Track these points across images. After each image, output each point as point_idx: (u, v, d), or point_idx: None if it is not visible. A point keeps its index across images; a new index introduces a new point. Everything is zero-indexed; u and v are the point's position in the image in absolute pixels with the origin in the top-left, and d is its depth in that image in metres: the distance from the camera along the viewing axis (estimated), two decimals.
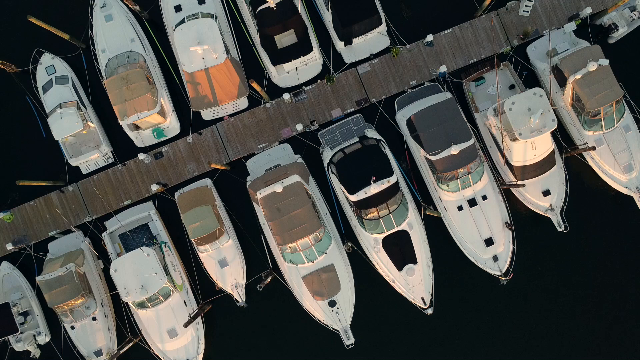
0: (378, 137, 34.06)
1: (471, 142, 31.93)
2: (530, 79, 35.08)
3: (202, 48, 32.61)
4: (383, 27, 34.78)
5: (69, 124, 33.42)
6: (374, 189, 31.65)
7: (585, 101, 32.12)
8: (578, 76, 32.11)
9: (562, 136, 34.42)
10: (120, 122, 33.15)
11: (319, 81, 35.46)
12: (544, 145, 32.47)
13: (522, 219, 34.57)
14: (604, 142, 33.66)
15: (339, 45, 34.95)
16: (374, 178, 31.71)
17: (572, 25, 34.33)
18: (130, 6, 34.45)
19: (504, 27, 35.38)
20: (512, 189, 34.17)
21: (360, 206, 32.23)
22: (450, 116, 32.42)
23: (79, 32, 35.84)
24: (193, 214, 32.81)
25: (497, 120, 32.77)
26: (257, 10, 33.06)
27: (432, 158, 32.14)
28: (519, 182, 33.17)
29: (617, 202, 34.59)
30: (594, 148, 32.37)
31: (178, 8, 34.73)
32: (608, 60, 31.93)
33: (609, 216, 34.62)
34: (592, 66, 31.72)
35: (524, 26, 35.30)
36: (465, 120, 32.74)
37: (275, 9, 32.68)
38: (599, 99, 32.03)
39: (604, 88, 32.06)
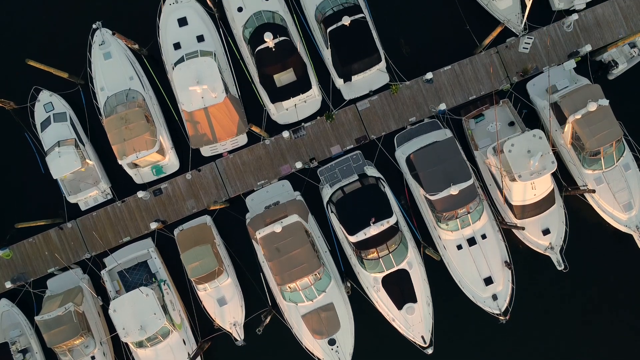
0: (377, 175, 34.00)
1: (470, 182, 31.89)
2: (529, 117, 35.03)
3: (201, 87, 32.54)
4: (382, 64, 34.72)
5: (67, 162, 33.32)
6: (373, 230, 31.58)
7: (585, 141, 32.09)
8: (578, 116, 32.09)
9: (561, 174, 34.35)
10: (119, 162, 33.08)
11: (318, 118, 35.42)
12: (543, 185, 32.42)
13: (521, 258, 34.53)
14: (604, 180, 33.61)
15: (338, 82, 34.90)
16: (373, 219, 31.65)
17: (571, 63, 34.30)
18: (129, 45, 34.38)
19: (504, 63, 35.34)
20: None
21: (360, 247, 32.18)
22: (449, 155, 32.37)
23: (78, 69, 35.71)
24: (192, 253, 32.75)
25: (497, 160, 32.73)
26: (256, 50, 32.99)
27: (432, 198, 32.09)
28: (519, 225, 33.12)
29: (617, 240, 34.52)
30: (593, 191, 32.34)
31: (177, 46, 34.68)
32: (608, 101, 31.94)
33: (608, 255, 34.59)
34: (592, 106, 31.71)
35: (523, 63, 35.25)
36: (465, 160, 32.74)
37: (274, 49, 32.60)
38: (599, 139, 32.00)
39: (604, 128, 32.04)
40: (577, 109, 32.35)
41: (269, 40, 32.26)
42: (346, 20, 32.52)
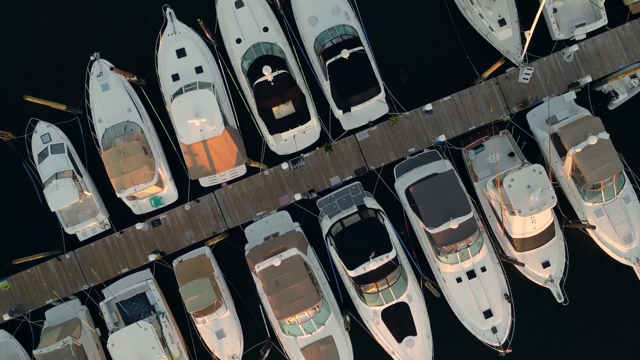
0: (377, 206, 33.88)
1: (470, 215, 31.77)
2: (529, 149, 34.89)
3: (200, 120, 32.40)
4: (382, 95, 34.58)
5: (65, 195, 33.16)
6: (372, 265, 31.44)
7: (585, 174, 31.96)
8: (578, 149, 31.96)
9: (561, 206, 34.23)
10: (118, 195, 32.96)
11: (317, 148, 35.30)
12: (543, 218, 32.32)
13: (521, 290, 34.38)
14: (604, 213, 33.50)
15: (337, 112, 34.76)
16: (373, 254, 31.53)
17: (571, 95, 34.20)
18: (127, 79, 34.24)
19: (504, 94, 35.21)
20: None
21: (359, 281, 32.07)
22: (449, 188, 32.24)
23: (76, 100, 35.52)
24: (191, 286, 32.64)
25: (496, 193, 32.61)
26: (255, 83, 32.86)
27: (431, 231, 31.98)
28: (519, 262, 32.99)
29: (617, 273, 34.41)
30: (594, 227, 32.24)
31: (175, 77, 34.54)
32: (608, 135, 31.83)
33: (609, 287, 34.51)
34: (593, 140, 31.61)
35: (523, 94, 35.13)
36: (465, 193, 32.65)
37: (272, 82, 32.46)
38: (599, 173, 31.88)
39: (604, 161, 31.92)
40: (577, 142, 32.21)
41: (268, 74, 32.13)
42: (345, 54, 32.39)
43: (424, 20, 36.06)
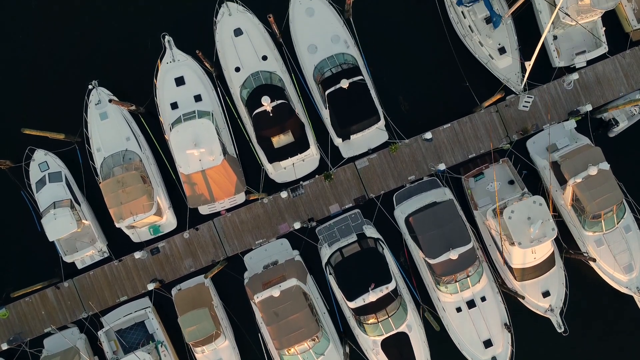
0: (376, 235, 33.76)
1: (470, 246, 31.65)
2: (529, 178, 34.75)
3: (199, 151, 32.24)
4: (381, 123, 34.40)
5: (63, 224, 33.04)
6: (372, 296, 31.33)
7: (586, 204, 31.85)
8: (578, 179, 31.86)
9: (561, 234, 34.11)
10: (116, 225, 32.81)
11: (316, 176, 35.15)
12: (543, 249, 32.20)
13: (521, 320, 34.27)
14: (604, 242, 33.39)
15: (337, 140, 34.59)
16: (372, 285, 31.43)
17: (572, 123, 34.08)
18: (125, 108, 34.08)
19: (504, 121, 35.07)
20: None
21: (359, 312, 31.96)
22: (449, 219, 32.13)
23: (74, 127, 35.35)
24: (190, 317, 32.53)
25: (496, 223, 32.49)
26: (254, 113, 32.70)
27: (431, 262, 31.88)
28: (519, 294, 32.86)
29: (618, 302, 34.31)
30: (594, 260, 32.13)
31: (174, 105, 34.38)
32: (609, 165, 31.72)
33: (609, 317, 34.40)
34: (593, 170, 31.53)
35: (523, 121, 34.99)
36: (465, 222, 32.56)
37: (271, 113, 32.31)
38: (600, 203, 31.77)
39: (605, 192, 31.81)
40: (577, 172, 32.10)
41: (267, 104, 31.99)
42: (344, 84, 32.21)
43: (424, 48, 35.91)
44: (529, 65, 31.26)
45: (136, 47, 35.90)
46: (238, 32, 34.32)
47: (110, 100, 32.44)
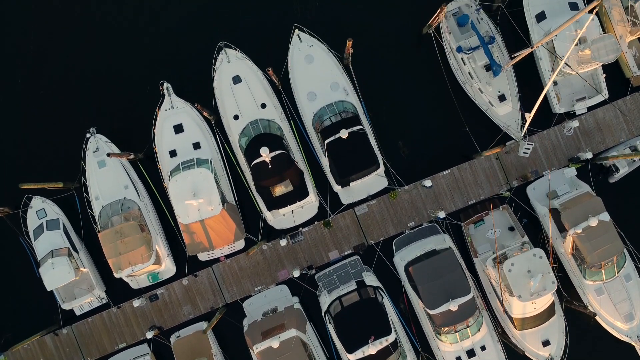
0: (376, 283, 33.62)
1: (470, 296, 31.55)
2: (530, 226, 34.62)
3: (198, 201, 32.10)
4: (381, 169, 34.26)
5: (60, 274, 32.88)
6: (372, 348, 31.20)
7: (586, 255, 31.76)
8: (578, 230, 31.74)
9: (561, 282, 33.98)
10: (115, 275, 32.67)
11: (316, 222, 35.02)
12: (543, 300, 32.09)
13: None
14: (605, 291, 33.29)
15: (336, 187, 34.43)
16: (372, 338, 31.30)
17: (572, 171, 33.93)
18: (124, 158, 33.91)
19: (504, 168, 34.93)
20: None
21: None
22: (449, 269, 32.02)
23: (73, 174, 35.17)
24: None
25: (496, 273, 32.39)
26: (252, 164, 32.53)
27: (431, 312, 31.76)
28: (519, 348, 32.76)
29: (618, 351, 34.19)
30: (594, 314, 32.01)
31: (173, 153, 34.23)
32: (609, 217, 31.61)
33: None
34: (593, 222, 31.43)
35: (523, 167, 34.87)
36: (464, 272, 32.47)
37: (270, 164, 32.15)
38: (600, 254, 31.68)
39: (605, 243, 31.73)
40: (577, 222, 31.99)
41: (265, 155, 31.82)
42: (344, 134, 32.05)
43: (424, 93, 35.76)
44: (529, 117, 31.11)
45: (135, 93, 35.73)
46: (237, 79, 34.15)
47: (108, 155, 32.25)
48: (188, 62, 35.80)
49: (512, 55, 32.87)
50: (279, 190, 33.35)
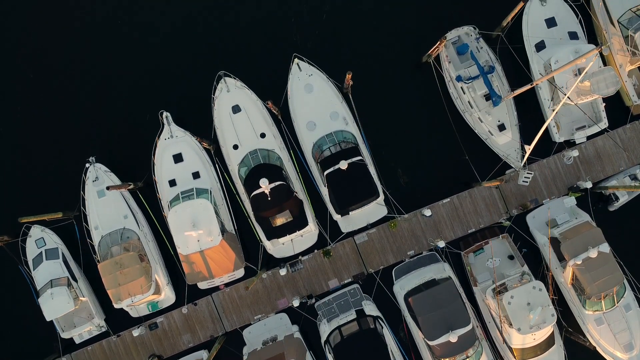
0: (375, 313, 33.59)
1: (469, 327, 31.51)
2: (529, 255, 34.60)
3: (197, 232, 32.10)
4: (381, 198, 34.24)
5: (60, 304, 32.85)
6: None
7: (586, 286, 31.73)
8: (578, 261, 31.72)
9: (561, 310, 33.95)
10: (115, 306, 32.67)
11: (315, 251, 35.01)
12: (543, 331, 32.05)
13: None
14: (604, 321, 33.23)
15: (336, 215, 34.41)
16: None
17: (572, 201, 33.89)
18: (124, 189, 33.90)
19: (503, 196, 34.91)
20: None
21: None
22: (448, 300, 31.98)
23: (72, 202, 35.18)
24: None
25: (496, 303, 32.36)
26: (252, 195, 32.51)
27: (430, 343, 31.73)
28: None
29: None
30: (594, 348, 31.98)
31: (172, 182, 34.21)
32: (609, 248, 31.59)
33: None
34: (593, 253, 31.41)
35: (523, 196, 34.84)
36: (464, 303, 32.44)
37: (269, 195, 32.13)
38: (600, 285, 31.65)
39: (605, 274, 31.70)
40: (577, 253, 31.95)
41: (265, 187, 31.80)
42: (343, 165, 32.00)
43: (423, 121, 35.75)
44: (529, 149, 31.06)
45: (134, 122, 35.79)
46: (236, 109, 34.15)
47: (108, 188, 32.23)
48: (188, 90, 35.81)
49: (511, 91, 32.84)
50: (279, 220, 33.33)
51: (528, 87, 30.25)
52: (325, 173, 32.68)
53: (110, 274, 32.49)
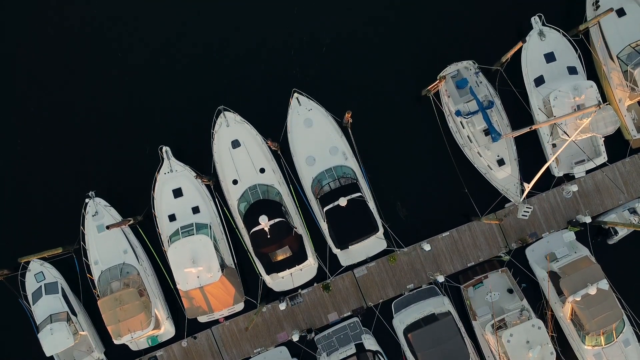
0: (375, 348, 33.60)
1: None
2: (528, 289, 34.64)
3: (197, 269, 32.15)
4: (380, 231, 34.25)
5: (59, 340, 32.85)
6: None
7: (585, 322, 31.79)
8: (577, 298, 31.76)
9: (560, 344, 34.00)
10: (115, 342, 32.69)
11: (315, 284, 35.05)
12: None
13: None
14: (604, 356, 33.24)
15: (335, 249, 34.43)
16: None
17: (571, 235, 33.97)
18: (123, 226, 33.92)
19: (502, 230, 34.95)
20: None
21: None
22: (448, 336, 32.12)
23: (72, 236, 35.18)
24: None
25: (495, 340, 32.41)
26: (251, 231, 32.52)
27: None
28: None
29: None
30: None
31: (172, 217, 34.22)
32: (608, 285, 31.65)
33: None
34: (592, 290, 31.45)
35: (522, 229, 34.89)
36: (464, 339, 32.48)
37: (269, 233, 32.15)
38: (599, 322, 31.71)
39: (604, 311, 31.77)
40: (576, 289, 32.00)
41: (264, 224, 31.83)
42: (342, 202, 32.03)
43: (422, 154, 35.80)
44: (528, 187, 31.09)
45: (134, 156, 35.82)
46: (236, 143, 34.18)
47: (108, 227, 32.27)
48: (187, 125, 35.85)
49: (511, 127, 32.87)
50: (279, 256, 33.35)
51: (526, 130, 30.25)
52: (325, 209, 32.69)
53: (110, 310, 32.51)
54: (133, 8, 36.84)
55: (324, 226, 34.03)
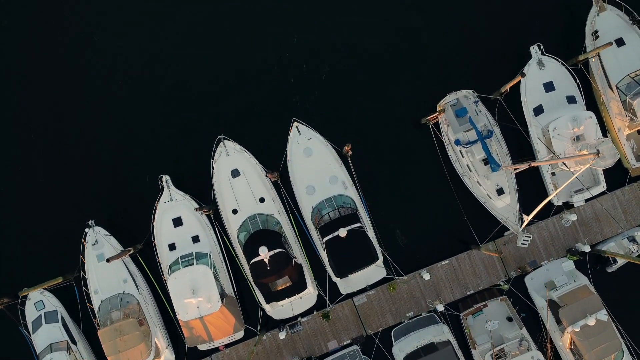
0: None
1: None
2: (528, 318, 34.72)
3: (197, 299, 32.20)
4: (380, 260, 34.29)
5: None
6: None
7: (584, 353, 31.86)
8: (576, 328, 31.83)
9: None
10: None
11: (314, 312, 35.12)
12: None
13: None
14: None
15: (335, 277, 34.46)
16: None
17: (570, 265, 33.99)
18: (123, 257, 33.96)
19: (502, 258, 35.03)
20: None
21: None
22: None
23: (72, 264, 35.21)
24: None
25: None
26: (251, 262, 32.55)
27: None
28: None
29: None
30: None
31: (172, 246, 34.26)
32: (607, 316, 31.72)
33: None
34: (591, 321, 31.52)
35: (522, 257, 34.97)
36: None
37: (269, 264, 32.18)
38: (598, 353, 31.78)
39: (603, 341, 31.84)
40: (575, 320, 32.06)
41: (264, 255, 31.87)
42: (342, 233, 32.06)
43: (422, 183, 35.86)
44: (527, 219, 31.18)
45: (133, 185, 35.86)
46: (235, 173, 34.20)
47: (108, 260, 32.33)
48: (187, 154, 35.90)
49: (509, 166, 32.97)
50: (278, 285, 33.39)
51: (526, 166, 30.29)
52: (325, 240, 32.72)
53: (111, 341, 32.53)
54: (133, 38, 36.89)
55: (323, 255, 34.08)
